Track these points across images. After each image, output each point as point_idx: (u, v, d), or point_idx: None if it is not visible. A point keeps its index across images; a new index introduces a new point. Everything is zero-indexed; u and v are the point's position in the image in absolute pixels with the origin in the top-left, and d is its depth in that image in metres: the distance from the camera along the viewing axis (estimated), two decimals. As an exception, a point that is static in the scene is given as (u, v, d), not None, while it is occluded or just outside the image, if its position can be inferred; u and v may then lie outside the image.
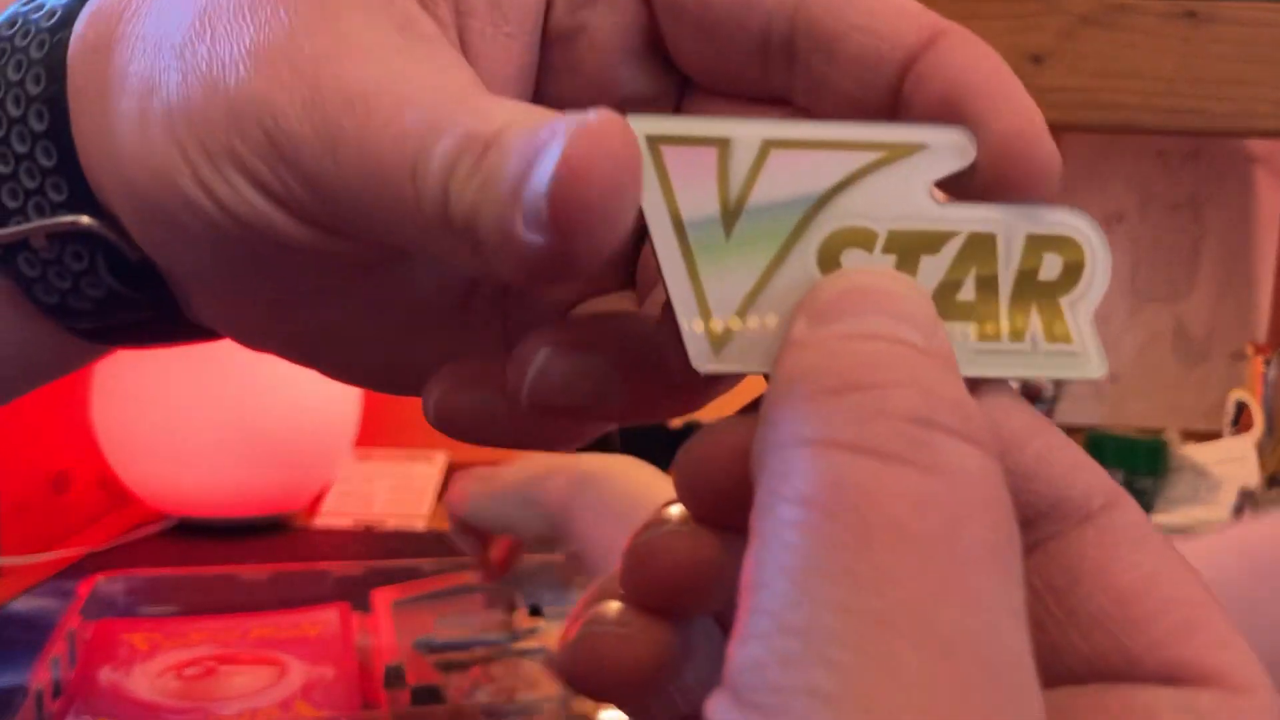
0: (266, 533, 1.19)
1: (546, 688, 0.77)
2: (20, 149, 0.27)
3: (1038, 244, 0.23)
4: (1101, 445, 1.35)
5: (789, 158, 0.22)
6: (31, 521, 1.09)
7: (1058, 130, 1.10)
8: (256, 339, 0.29)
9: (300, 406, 1.17)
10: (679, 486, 0.23)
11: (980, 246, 0.23)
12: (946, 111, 0.23)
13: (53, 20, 0.27)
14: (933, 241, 0.23)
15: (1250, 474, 1.28)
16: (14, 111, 0.27)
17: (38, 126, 0.26)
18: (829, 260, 0.22)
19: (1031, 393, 1.28)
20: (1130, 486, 1.30)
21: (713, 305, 0.22)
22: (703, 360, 0.22)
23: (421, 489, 1.30)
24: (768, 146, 0.22)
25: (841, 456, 0.18)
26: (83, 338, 0.30)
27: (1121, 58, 1.03)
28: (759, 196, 0.22)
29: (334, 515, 1.25)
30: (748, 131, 0.22)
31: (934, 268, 0.23)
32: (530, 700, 0.73)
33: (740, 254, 0.22)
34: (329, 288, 0.27)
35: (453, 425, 0.26)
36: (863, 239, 0.22)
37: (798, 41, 0.25)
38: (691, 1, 0.25)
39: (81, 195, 0.27)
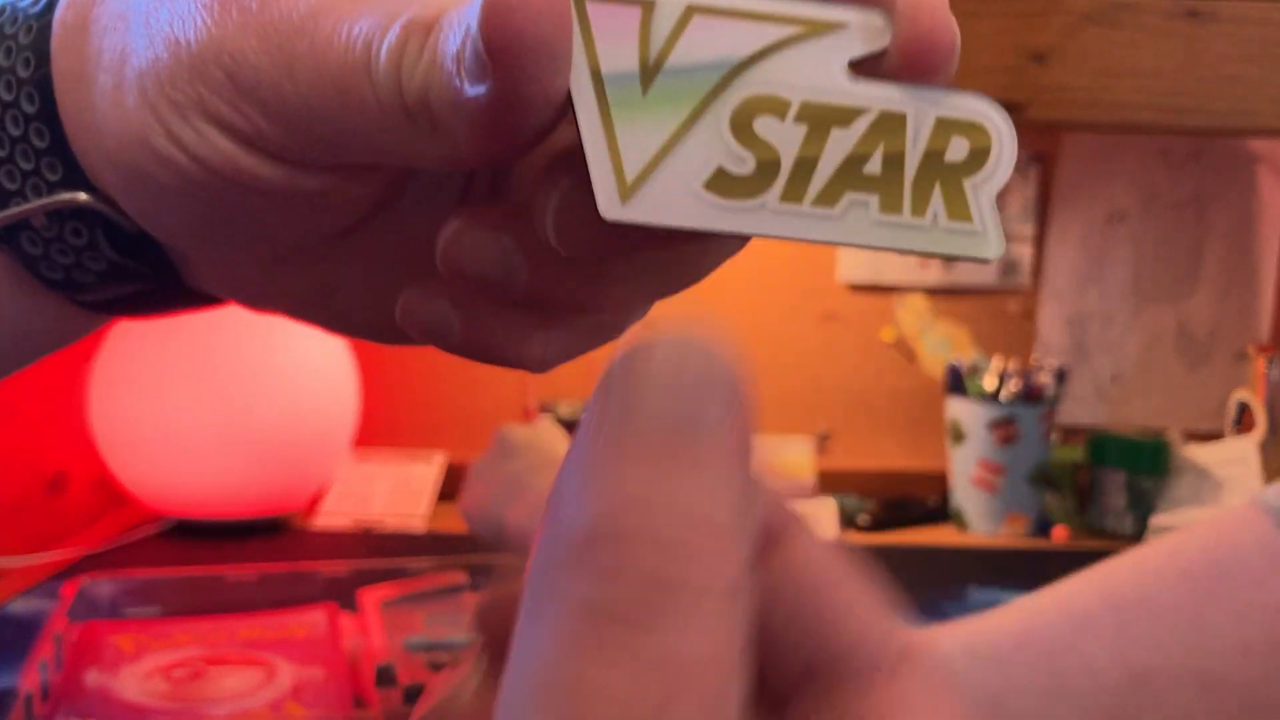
0: (264, 533, 1.19)
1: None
2: (14, 132, 0.28)
3: (946, 127, 0.23)
4: (1103, 445, 1.35)
5: (711, 23, 0.23)
6: (28, 522, 1.09)
7: (1060, 129, 1.10)
8: (254, 300, 0.31)
9: (298, 407, 1.17)
10: (477, 630, 0.23)
11: (890, 124, 0.23)
12: None
13: (39, 5, 0.28)
14: (844, 116, 0.23)
15: (1253, 475, 1.28)
16: (6, 96, 0.28)
17: (29, 109, 0.27)
18: (742, 124, 0.23)
19: (1033, 393, 1.28)
20: (1132, 487, 1.30)
21: (624, 158, 0.23)
22: (611, 208, 0.23)
23: (420, 489, 1.30)
24: (691, 11, 0.23)
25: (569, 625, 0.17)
26: (88, 309, 0.31)
27: (1124, 57, 1.03)
28: (678, 58, 0.23)
29: (332, 516, 1.25)
30: None
31: (843, 140, 0.23)
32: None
33: (655, 111, 0.23)
34: (318, 242, 0.28)
35: (416, 327, 0.28)
36: (776, 107, 0.23)
37: None
38: None
39: (76, 173, 0.28)
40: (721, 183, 0.23)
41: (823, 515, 1.30)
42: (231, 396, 1.12)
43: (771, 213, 0.23)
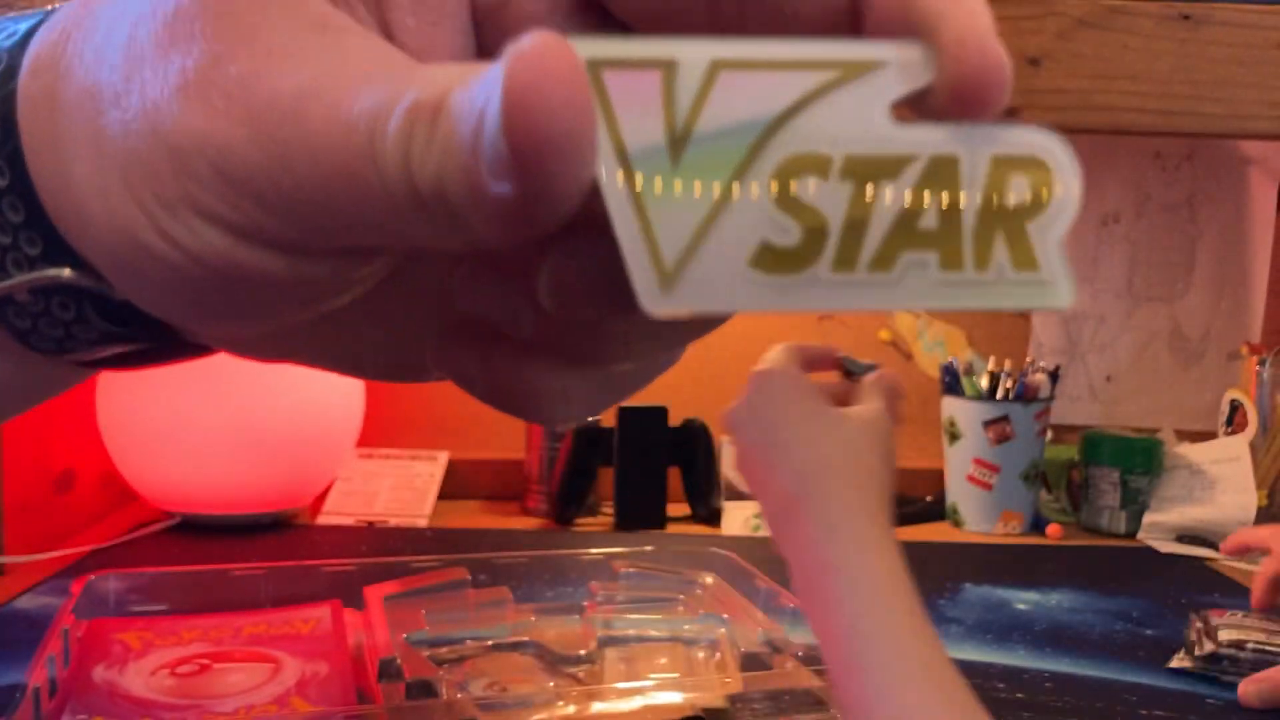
0: (269, 531, 1.20)
1: (539, 680, 0.78)
2: None
3: (1004, 166, 0.21)
4: (1097, 444, 1.35)
5: (739, 79, 0.21)
6: (36, 520, 1.09)
7: (1054, 132, 1.10)
8: (260, 356, 0.29)
9: (304, 406, 1.17)
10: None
11: (943, 170, 0.21)
12: (904, 22, 0.22)
13: (0, 69, 0.26)
14: (892, 166, 0.21)
15: (1244, 474, 1.28)
16: None
17: (1, 183, 0.26)
18: (783, 189, 0.21)
19: (1027, 393, 1.28)
20: (1125, 485, 1.31)
21: (661, 244, 0.21)
22: (653, 301, 0.21)
23: (424, 488, 1.31)
24: (716, 67, 0.21)
25: None
26: (85, 366, 0.30)
27: (1118, 60, 1.04)
28: (708, 121, 0.21)
29: (337, 514, 1.26)
30: (695, 52, 0.21)
31: (894, 193, 0.21)
32: (523, 693, 0.74)
33: (689, 186, 0.21)
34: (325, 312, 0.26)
35: (448, 375, 0.27)
36: (818, 166, 0.21)
37: None
38: None
39: (57, 246, 0.26)
40: (767, 258, 0.21)
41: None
42: (238, 395, 1.13)
43: (824, 285, 0.21)
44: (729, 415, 0.73)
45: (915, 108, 0.22)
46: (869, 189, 0.21)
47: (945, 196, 0.21)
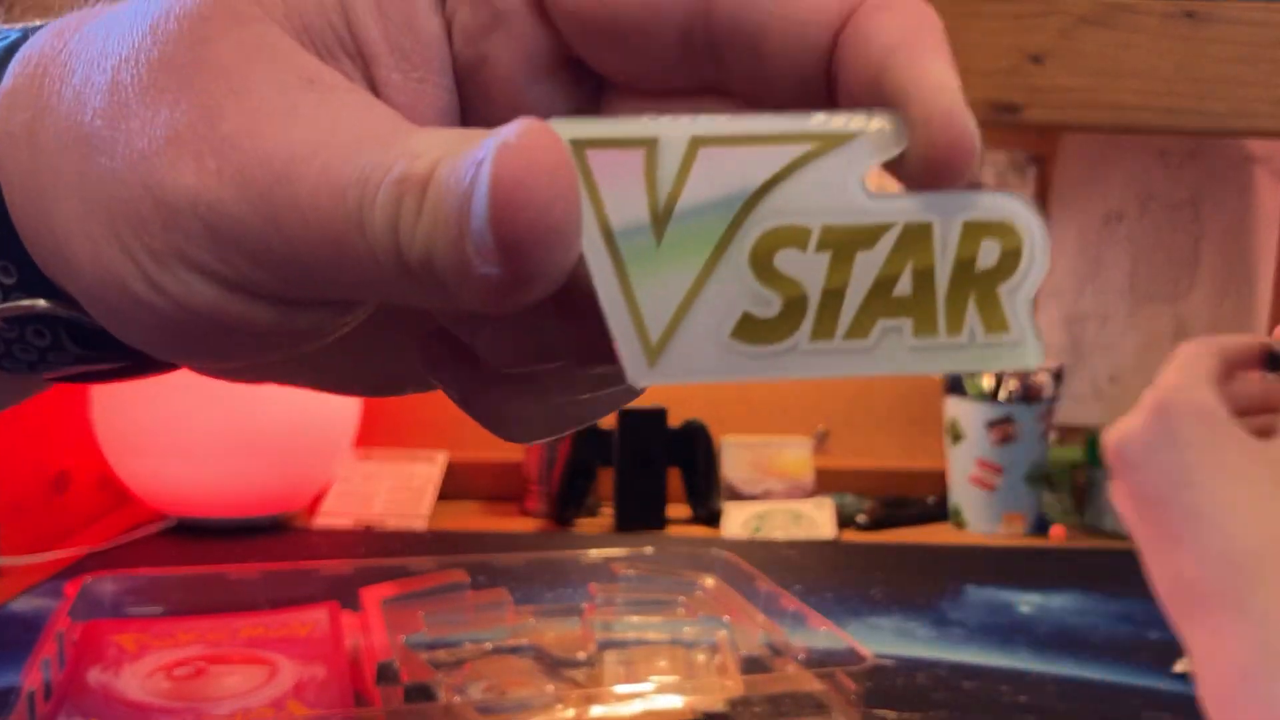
0: (266, 533, 1.20)
1: (538, 683, 0.77)
2: None
3: (975, 231, 0.22)
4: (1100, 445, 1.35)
5: (719, 155, 0.22)
6: (31, 521, 1.09)
7: (1057, 130, 1.10)
8: (238, 379, 0.30)
9: (300, 407, 1.17)
10: None
11: (916, 237, 0.22)
12: (874, 93, 0.23)
13: None
14: (868, 236, 0.22)
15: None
16: None
17: None
18: (763, 261, 0.22)
19: (1031, 393, 1.28)
20: (1129, 487, 1.30)
21: (646, 318, 0.22)
22: (638, 374, 0.22)
23: (421, 489, 1.31)
24: (696, 144, 0.22)
25: None
26: (59, 382, 0.30)
27: (1121, 58, 1.03)
28: (690, 197, 0.22)
29: (334, 515, 1.25)
30: (675, 130, 0.22)
31: (869, 262, 0.22)
32: (523, 696, 0.73)
33: (673, 260, 0.22)
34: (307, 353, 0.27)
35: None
36: (796, 238, 0.22)
37: (719, 38, 0.24)
38: (599, 17, 0.24)
39: (33, 277, 0.26)
40: (749, 329, 0.22)
41: (821, 515, 1.31)
42: (234, 396, 1.12)
43: (804, 354, 0.22)
44: (1120, 446, 0.57)
45: (891, 169, 0.23)
46: (846, 259, 0.22)
47: (919, 263, 0.22)
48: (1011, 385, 1.28)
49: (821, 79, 0.24)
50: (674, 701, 0.72)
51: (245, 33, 0.23)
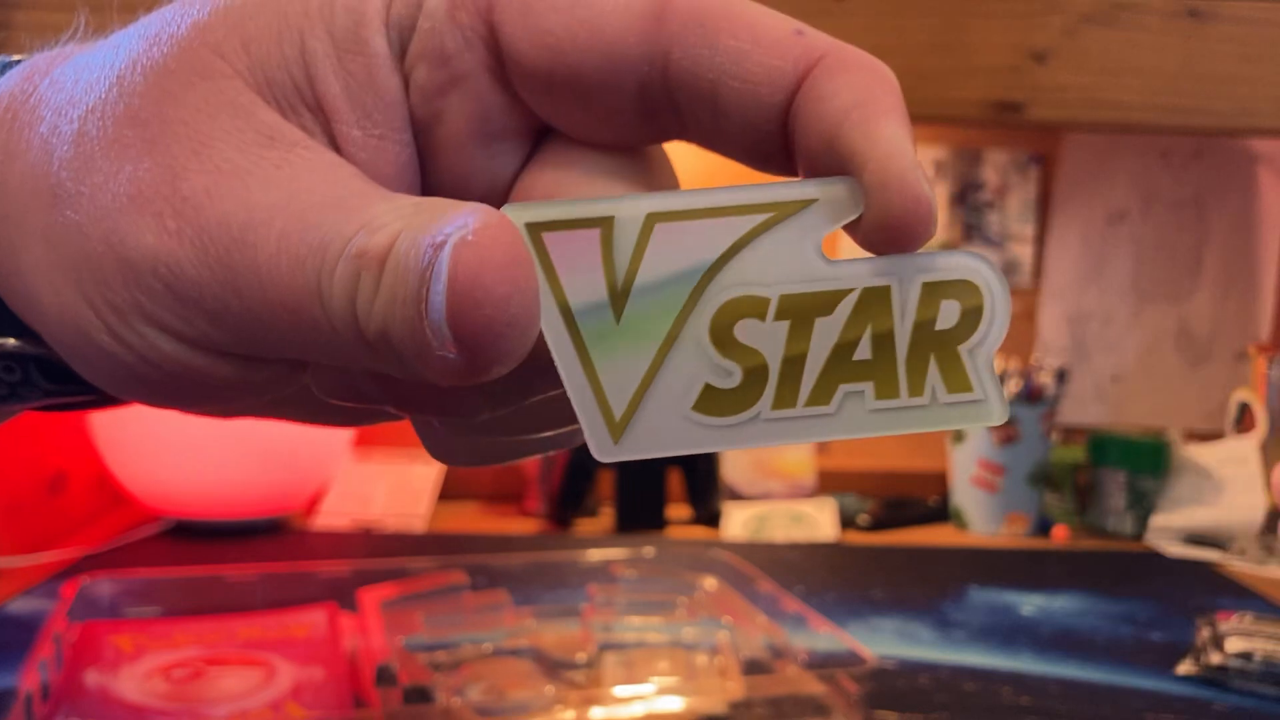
0: (264, 534, 1.19)
1: (537, 685, 0.77)
2: None
3: (934, 291, 0.23)
4: (1103, 445, 1.34)
5: (675, 229, 0.22)
6: (28, 522, 1.09)
7: (1060, 129, 1.10)
8: (209, 416, 0.30)
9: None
10: None
11: (875, 301, 0.22)
12: (830, 154, 0.23)
13: None
14: (826, 302, 0.22)
15: (1253, 475, 1.27)
16: None
17: None
18: (722, 333, 0.22)
19: (1033, 393, 1.27)
20: (1132, 487, 1.30)
21: (609, 396, 0.22)
22: (604, 452, 0.22)
23: (420, 490, 1.30)
24: (652, 220, 0.22)
25: None
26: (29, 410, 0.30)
27: (1124, 56, 1.03)
28: (647, 273, 0.22)
29: (332, 516, 1.25)
30: (631, 207, 0.22)
31: (828, 328, 0.22)
32: (522, 698, 0.73)
33: (633, 338, 0.22)
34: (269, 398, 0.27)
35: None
36: (755, 308, 0.22)
37: (675, 94, 0.24)
38: (557, 75, 0.24)
39: (2, 313, 0.26)
40: (711, 401, 0.22)
41: (823, 516, 1.30)
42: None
43: (766, 422, 0.23)
44: None
45: (850, 231, 0.23)
46: (805, 326, 0.22)
47: (878, 327, 0.22)
48: (1014, 385, 1.28)
49: (778, 136, 0.24)
50: (674, 703, 0.71)
51: (208, 88, 0.23)
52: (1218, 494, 1.28)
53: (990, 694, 0.83)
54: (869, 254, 0.23)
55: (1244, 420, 1.35)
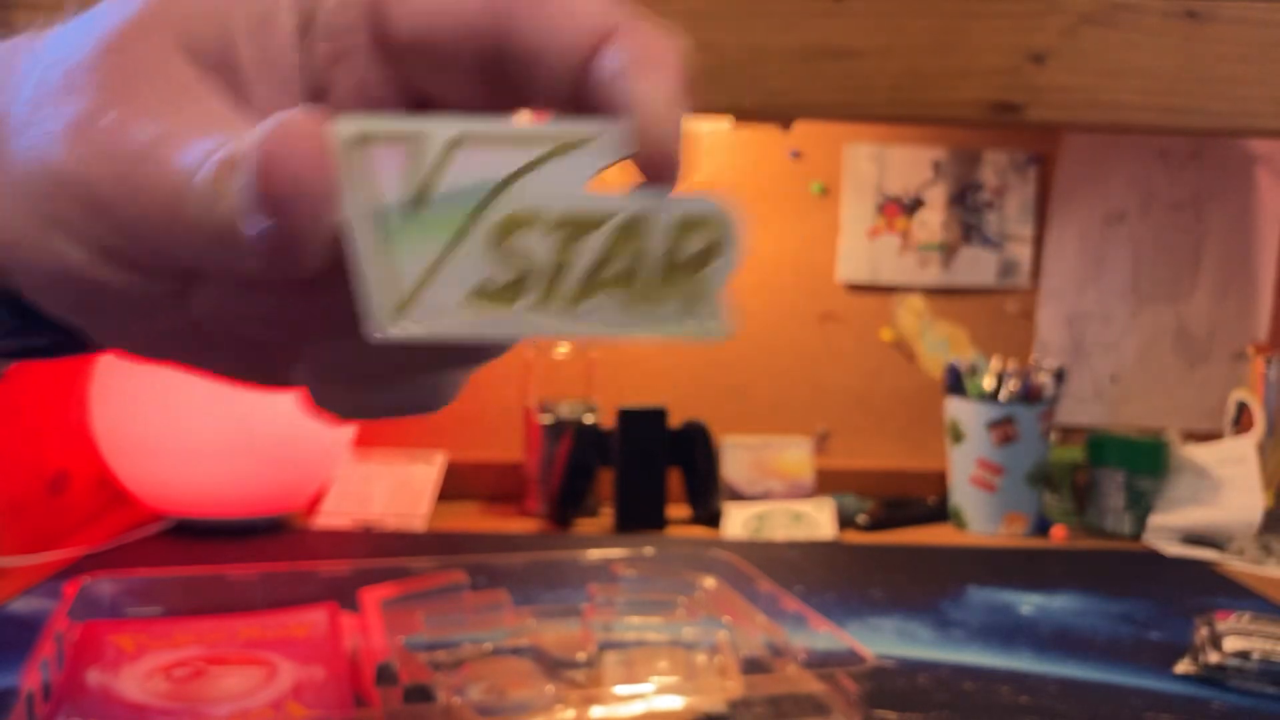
0: (265, 533, 1.20)
1: (538, 685, 0.77)
2: None
3: (684, 224, 0.27)
4: (1102, 445, 1.35)
5: (475, 151, 0.26)
6: (29, 522, 1.09)
7: (1059, 129, 1.10)
8: (148, 359, 0.34)
9: (298, 407, 1.17)
10: None
11: (634, 227, 0.27)
12: (611, 108, 0.27)
13: None
14: (593, 223, 0.27)
15: (1251, 475, 1.28)
16: None
17: None
18: (501, 239, 0.26)
19: (1032, 393, 1.28)
20: (1130, 487, 1.30)
21: (395, 281, 0.26)
22: (380, 328, 0.26)
23: (420, 489, 1.30)
24: (455, 142, 0.26)
25: None
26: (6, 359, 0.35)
27: (1123, 57, 1.03)
28: (447, 184, 0.26)
29: (333, 516, 1.25)
30: (440, 128, 0.26)
31: (592, 245, 0.27)
32: (522, 697, 0.73)
33: (427, 234, 0.26)
34: (179, 325, 0.31)
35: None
36: (532, 221, 0.26)
37: (510, 65, 0.29)
38: (422, 49, 0.29)
39: None
40: (484, 293, 0.26)
41: (822, 515, 1.31)
42: (232, 397, 1.12)
43: (528, 314, 0.27)
44: None
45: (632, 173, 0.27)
46: (572, 241, 0.26)
47: (634, 249, 0.27)
48: (1012, 385, 1.28)
49: (581, 102, 0.28)
50: (674, 702, 0.71)
51: (145, 46, 0.28)
52: (1216, 494, 1.28)
53: (989, 693, 0.83)
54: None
55: (1242, 420, 1.35)
